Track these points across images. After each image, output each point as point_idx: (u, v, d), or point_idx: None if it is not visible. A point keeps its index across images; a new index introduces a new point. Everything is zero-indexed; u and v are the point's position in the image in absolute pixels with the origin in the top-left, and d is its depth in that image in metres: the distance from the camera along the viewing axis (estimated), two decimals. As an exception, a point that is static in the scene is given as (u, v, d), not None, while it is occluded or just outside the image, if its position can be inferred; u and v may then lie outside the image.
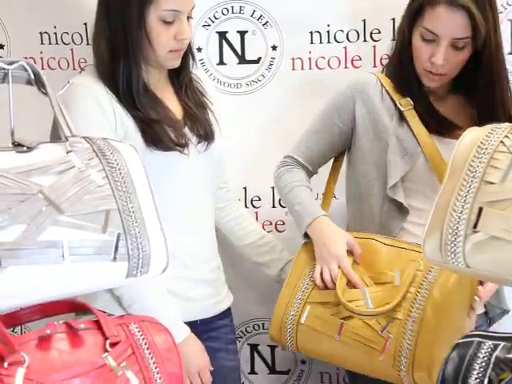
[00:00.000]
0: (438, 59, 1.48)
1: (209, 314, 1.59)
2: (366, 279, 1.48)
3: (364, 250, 1.51)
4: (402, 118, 1.56)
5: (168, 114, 1.52)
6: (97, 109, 1.44)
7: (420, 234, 1.49)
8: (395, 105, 1.57)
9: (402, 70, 1.59)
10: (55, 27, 1.90)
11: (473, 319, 1.45)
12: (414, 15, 1.52)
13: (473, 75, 1.55)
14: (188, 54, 1.57)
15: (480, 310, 1.56)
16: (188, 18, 1.49)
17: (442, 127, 1.56)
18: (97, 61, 1.51)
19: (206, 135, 1.55)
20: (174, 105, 1.55)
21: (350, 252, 1.53)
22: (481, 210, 0.97)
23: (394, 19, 1.75)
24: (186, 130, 1.53)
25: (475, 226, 0.97)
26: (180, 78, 1.57)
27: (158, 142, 1.46)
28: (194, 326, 1.51)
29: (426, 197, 1.52)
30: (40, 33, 1.91)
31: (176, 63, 1.52)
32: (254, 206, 1.94)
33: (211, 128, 1.58)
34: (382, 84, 1.60)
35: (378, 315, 1.42)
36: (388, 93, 1.59)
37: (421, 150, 1.53)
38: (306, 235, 1.58)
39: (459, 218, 0.99)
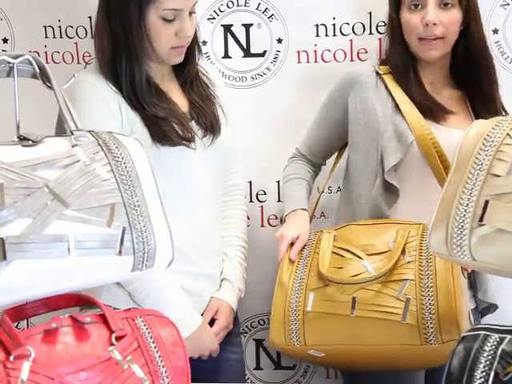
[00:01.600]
0: (430, 17, 1.51)
1: None
2: (359, 252, 1.46)
3: (344, 234, 1.52)
4: (397, 106, 1.57)
5: (174, 108, 1.51)
6: (102, 105, 1.44)
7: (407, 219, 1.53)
8: (391, 95, 1.58)
9: (396, 58, 1.60)
10: (59, 21, 1.90)
11: (465, 281, 1.45)
12: None
13: (465, 67, 1.59)
14: (193, 48, 1.55)
15: (471, 305, 1.57)
16: (191, 13, 1.47)
17: (437, 113, 1.56)
18: (99, 58, 1.50)
19: (212, 128, 1.55)
20: (179, 98, 1.55)
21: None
22: (487, 202, 0.97)
23: (399, 12, 1.75)
24: (193, 123, 1.53)
25: (481, 219, 0.97)
26: (185, 71, 1.56)
27: (164, 139, 1.46)
28: None
29: (417, 184, 1.54)
30: (44, 26, 1.91)
31: (179, 59, 1.51)
32: (259, 201, 1.93)
33: (217, 121, 1.57)
34: (377, 73, 1.61)
35: (383, 276, 1.40)
36: (384, 82, 1.59)
37: (414, 138, 1.53)
38: None
39: (465, 210, 0.98)
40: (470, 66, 1.58)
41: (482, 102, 1.58)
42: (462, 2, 1.53)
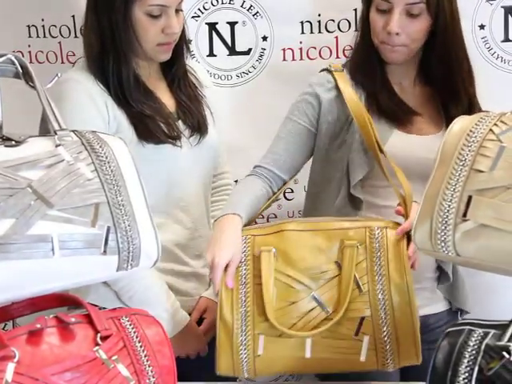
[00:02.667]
0: (392, 27, 1.43)
1: None
2: (306, 280, 1.32)
3: (283, 247, 1.33)
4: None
5: (160, 107, 1.51)
6: (89, 103, 1.43)
7: None
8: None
9: (364, 56, 1.53)
10: (43, 20, 1.89)
11: None
12: None
13: (435, 66, 1.51)
14: (181, 46, 1.55)
15: (444, 307, 1.55)
16: (178, 11, 1.47)
17: (401, 117, 1.50)
18: (87, 55, 1.50)
19: (199, 128, 1.54)
20: (166, 97, 1.54)
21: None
22: (470, 198, 0.98)
23: (384, 8, 1.75)
24: (179, 123, 1.52)
25: (465, 215, 0.98)
26: (173, 70, 1.56)
27: (150, 137, 1.46)
28: None
29: (386, 193, 1.49)
30: (28, 26, 1.90)
31: (166, 56, 1.51)
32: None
33: (204, 121, 1.56)
34: (335, 81, 1.53)
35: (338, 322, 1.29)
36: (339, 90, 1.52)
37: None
38: None
39: (449, 206, 0.99)
40: (439, 66, 1.50)
41: (453, 101, 1.50)
42: (431, 9, 1.43)
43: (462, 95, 1.49)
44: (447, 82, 1.50)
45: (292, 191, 1.91)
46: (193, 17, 1.86)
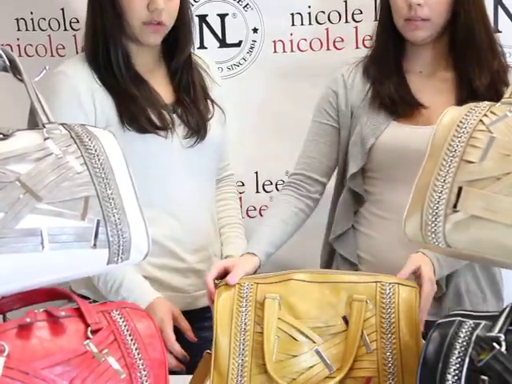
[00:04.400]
0: None
1: (199, 305, 1.55)
2: (311, 333, 1.23)
3: (288, 296, 1.26)
4: (369, 105, 1.51)
5: (151, 95, 1.48)
6: (74, 100, 1.43)
7: (378, 224, 1.48)
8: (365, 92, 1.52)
9: (381, 40, 1.52)
10: (32, 13, 1.88)
11: None
12: None
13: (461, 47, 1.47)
14: (183, 35, 1.52)
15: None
16: None
17: (400, 109, 1.48)
18: (84, 44, 1.50)
19: (198, 130, 1.51)
20: (164, 90, 1.52)
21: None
22: (460, 189, 0.97)
23: (375, -1, 1.75)
24: (174, 116, 1.49)
25: (455, 206, 0.97)
26: (173, 60, 1.53)
27: (133, 121, 1.43)
28: (184, 315, 1.47)
29: (385, 185, 1.49)
30: (16, 19, 1.89)
31: (154, 40, 1.48)
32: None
33: (204, 123, 1.52)
34: (344, 82, 1.54)
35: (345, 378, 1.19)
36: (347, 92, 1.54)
37: (376, 138, 1.48)
38: None
39: (439, 197, 0.99)
40: (465, 49, 1.46)
41: (477, 79, 1.45)
42: None
43: (485, 71, 1.45)
44: (471, 60, 1.46)
45: (284, 183, 1.90)
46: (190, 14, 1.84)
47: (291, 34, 1.87)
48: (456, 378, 0.91)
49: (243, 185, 1.93)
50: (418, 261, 1.30)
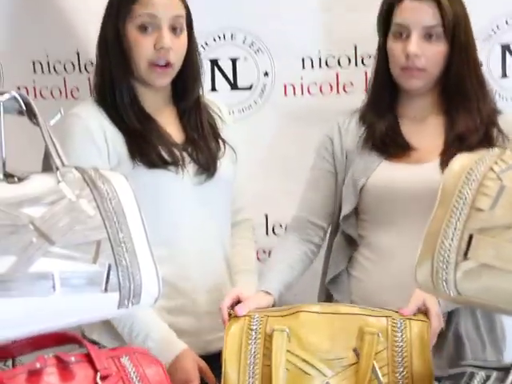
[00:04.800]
0: (412, 47, 1.44)
1: (213, 350, 1.48)
2: (321, 366, 1.21)
3: (298, 329, 1.25)
4: (361, 148, 1.53)
5: (161, 132, 1.49)
6: (87, 139, 1.44)
7: (371, 269, 1.49)
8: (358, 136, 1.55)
9: (377, 86, 1.55)
10: (47, 56, 1.92)
11: None
12: (384, 20, 1.52)
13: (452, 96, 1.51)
14: (192, 77, 1.53)
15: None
16: (176, 29, 1.46)
17: (392, 151, 1.50)
18: (93, 84, 1.52)
19: (208, 167, 1.51)
20: (173, 129, 1.52)
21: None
22: (471, 237, 0.98)
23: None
24: (184, 154, 1.49)
25: (466, 254, 0.98)
26: (182, 103, 1.54)
27: (143, 156, 1.44)
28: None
29: (376, 228, 1.50)
30: (32, 62, 1.93)
31: (161, 81, 1.48)
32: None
33: (214, 161, 1.52)
34: (339, 128, 1.57)
35: None
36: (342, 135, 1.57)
37: (367, 178, 1.49)
38: None
39: (450, 245, 0.99)
40: (455, 97, 1.51)
41: (469, 130, 1.48)
42: (447, 35, 1.46)
43: (477, 124, 1.48)
44: (464, 109, 1.49)
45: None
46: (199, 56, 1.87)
47: (301, 78, 1.89)
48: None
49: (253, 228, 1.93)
50: (422, 296, 1.29)
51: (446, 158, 1.43)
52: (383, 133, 1.51)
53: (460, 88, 1.48)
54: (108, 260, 1.00)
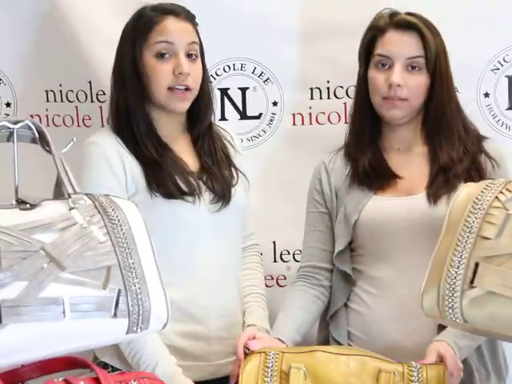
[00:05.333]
0: (395, 78, 1.45)
1: (222, 374, 1.51)
2: None
3: (314, 368, 1.27)
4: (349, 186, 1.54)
5: (177, 161, 1.50)
6: (106, 167, 1.45)
7: (369, 302, 1.48)
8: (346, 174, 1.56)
9: (358, 118, 1.56)
10: (60, 85, 1.95)
11: None
12: (366, 51, 1.53)
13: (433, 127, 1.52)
14: (204, 103, 1.55)
15: None
16: (191, 56, 1.48)
17: (375, 183, 1.51)
18: (109, 114, 1.54)
19: (223, 196, 1.52)
20: (189, 156, 1.54)
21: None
22: (477, 265, 0.99)
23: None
24: (200, 183, 1.51)
25: (472, 281, 0.98)
26: (195, 129, 1.56)
27: (160, 187, 1.45)
28: None
29: (372, 261, 1.50)
30: (46, 91, 1.96)
31: (182, 106, 1.49)
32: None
33: (229, 188, 1.54)
34: (325, 167, 1.59)
35: None
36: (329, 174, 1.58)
37: (359, 213, 1.49)
38: None
39: (456, 273, 1.00)
40: (436, 127, 1.51)
41: (450, 161, 1.48)
42: (429, 66, 1.47)
43: (461, 154, 1.49)
44: (446, 140, 1.50)
45: (301, 253, 1.91)
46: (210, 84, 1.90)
47: (310, 108, 1.92)
48: None
49: (261, 254, 1.93)
50: (435, 348, 1.30)
51: (432, 191, 1.46)
52: (368, 168, 1.52)
53: (441, 118, 1.50)
54: (118, 286, 1.01)
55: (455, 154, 1.48)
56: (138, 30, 1.48)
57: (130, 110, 1.49)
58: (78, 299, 0.99)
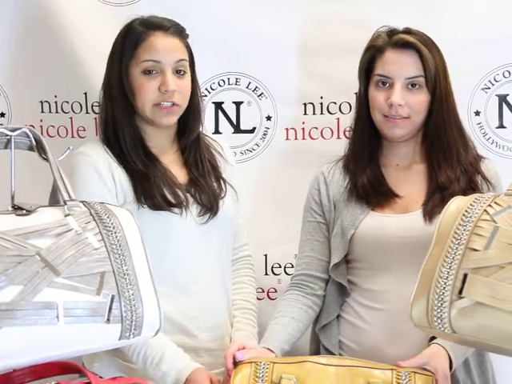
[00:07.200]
0: (395, 98, 1.46)
1: None
2: None
3: (303, 377, 1.29)
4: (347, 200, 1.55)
5: (165, 173, 1.51)
6: (95, 176, 1.47)
7: (363, 313, 1.49)
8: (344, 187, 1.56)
9: (358, 134, 1.57)
10: (56, 96, 1.96)
11: None
12: (366, 69, 1.54)
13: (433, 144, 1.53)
14: (192, 117, 1.56)
15: None
16: (180, 72, 1.49)
17: (373, 201, 1.52)
18: (98, 126, 1.57)
19: (211, 208, 1.53)
20: (177, 169, 1.55)
21: None
22: (465, 276, 1.00)
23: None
24: (188, 196, 1.52)
25: (460, 292, 1.00)
26: (183, 138, 1.57)
27: (147, 198, 1.47)
28: None
29: (368, 274, 1.51)
30: (41, 101, 1.97)
31: (168, 121, 1.51)
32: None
33: (216, 200, 1.55)
34: (325, 178, 1.60)
35: None
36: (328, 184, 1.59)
37: (355, 228, 1.50)
38: None
39: (445, 283, 1.01)
40: (435, 145, 1.52)
41: (449, 177, 1.49)
42: (429, 85, 1.48)
43: (458, 174, 1.50)
44: (444, 160, 1.51)
45: (292, 266, 1.93)
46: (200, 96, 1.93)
47: (303, 123, 1.94)
48: None
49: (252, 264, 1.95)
50: (429, 354, 1.31)
51: (428, 209, 1.47)
52: (366, 184, 1.53)
53: (440, 136, 1.51)
54: (111, 292, 1.03)
55: (453, 173, 1.49)
56: (126, 46, 1.50)
57: (117, 123, 1.50)
58: (72, 304, 1.00)
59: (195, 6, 1.88)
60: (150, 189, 1.48)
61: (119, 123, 1.50)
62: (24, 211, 1.07)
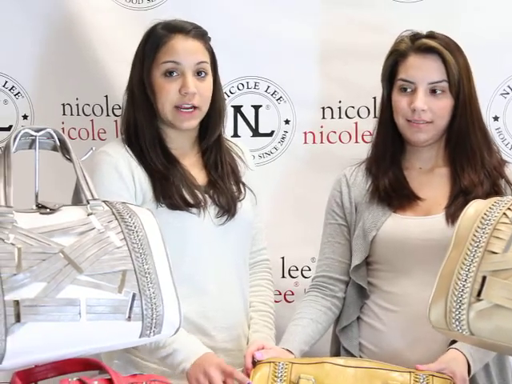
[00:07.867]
0: (418, 103, 1.45)
1: None
2: None
3: (321, 378, 1.30)
4: (369, 202, 1.55)
5: (185, 174, 1.53)
6: (116, 175, 1.48)
7: (382, 316, 1.49)
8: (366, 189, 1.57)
9: (381, 139, 1.57)
10: (77, 99, 1.99)
11: None
12: (389, 74, 1.54)
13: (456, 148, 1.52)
14: (213, 119, 1.56)
15: None
16: (200, 73, 1.50)
17: (394, 203, 1.51)
18: (121, 127, 1.57)
19: (228, 209, 1.54)
20: (196, 171, 1.56)
21: None
22: (484, 278, 1.01)
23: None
24: (207, 197, 1.53)
25: (479, 294, 1.01)
26: (204, 140, 1.57)
27: (166, 198, 1.48)
28: None
29: (389, 277, 1.51)
30: (63, 104, 2.00)
31: (188, 124, 1.52)
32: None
33: (234, 202, 1.56)
34: (347, 181, 1.60)
35: None
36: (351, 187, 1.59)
37: (377, 230, 1.50)
38: None
39: (463, 286, 1.02)
40: (459, 149, 1.52)
41: (472, 180, 1.48)
42: (452, 89, 1.47)
43: (482, 178, 1.49)
44: (468, 164, 1.50)
45: (309, 269, 1.94)
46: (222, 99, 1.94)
47: (321, 127, 1.95)
48: None
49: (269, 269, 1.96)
50: (448, 359, 1.31)
51: (451, 212, 1.46)
52: (388, 187, 1.53)
53: (464, 140, 1.51)
54: (133, 290, 1.04)
55: (477, 176, 1.49)
56: (147, 49, 1.52)
57: (138, 125, 1.52)
58: (94, 301, 1.02)
59: (216, 10, 1.90)
60: (168, 189, 1.49)
61: (140, 124, 1.52)
62: (48, 210, 1.09)
